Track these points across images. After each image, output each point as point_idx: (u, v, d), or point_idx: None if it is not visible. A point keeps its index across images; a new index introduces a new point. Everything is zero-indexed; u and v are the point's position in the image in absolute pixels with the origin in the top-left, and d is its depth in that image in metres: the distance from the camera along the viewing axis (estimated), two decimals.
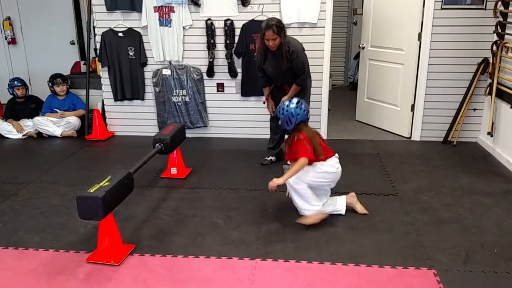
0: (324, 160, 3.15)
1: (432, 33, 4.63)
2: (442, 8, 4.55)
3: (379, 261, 2.71)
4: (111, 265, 2.72)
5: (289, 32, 4.67)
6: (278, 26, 3.65)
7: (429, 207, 3.39)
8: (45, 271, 2.68)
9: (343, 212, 3.26)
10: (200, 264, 2.73)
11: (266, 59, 3.92)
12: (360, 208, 3.30)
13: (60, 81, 5.40)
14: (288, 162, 3.37)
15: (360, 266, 2.67)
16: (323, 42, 4.74)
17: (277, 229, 3.09)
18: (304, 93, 4.05)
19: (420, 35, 4.70)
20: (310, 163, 3.08)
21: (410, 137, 5.03)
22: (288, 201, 3.37)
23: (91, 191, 2.64)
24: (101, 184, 2.72)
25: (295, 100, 3.19)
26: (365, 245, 2.88)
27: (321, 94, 4.90)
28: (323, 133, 5.06)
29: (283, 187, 3.15)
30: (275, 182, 3.04)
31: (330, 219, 3.20)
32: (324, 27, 4.70)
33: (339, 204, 3.27)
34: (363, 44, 5.48)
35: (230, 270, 2.66)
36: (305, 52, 3.95)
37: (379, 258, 2.74)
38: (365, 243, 2.91)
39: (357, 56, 7.39)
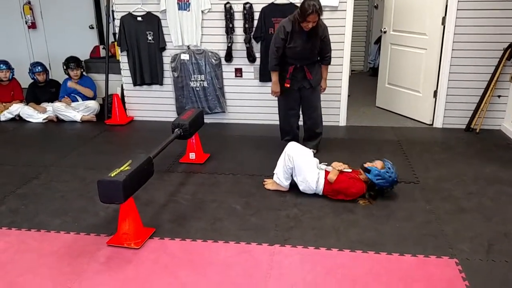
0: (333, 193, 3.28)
1: (456, 17, 4.50)
2: None
3: (400, 249, 2.68)
4: (132, 248, 2.75)
5: None
6: (321, 9, 3.58)
7: (451, 196, 3.33)
8: (66, 253, 2.72)
9: None
10: (219, 248, 2.74)
11: (292, 38, 3.75)
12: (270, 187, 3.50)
13: (75, 65, 5.41)
14: (325, 164, 3.44)
15: (380, 254, 2.64)
16: (344, 26, 4.65)
17: (296, 215, 3.07)
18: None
19: (444, 19, 4.57)
20: (327, 176, 3.27)
21: (432, 124, 4.94)
22: None
23: (112, 175, 2.66)
24: (122, 168, 2.74)
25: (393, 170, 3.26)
26: (385, 233, 2.85)
27: (341, 79, 4.83)
28: (342, 120, 5.00)
29: None
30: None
31: (349, 206, 3.18)
32: (345, 10, 4.60)
33: None
34: (384, 28, 5.36)
35: (249, 256, 2.66)
36: None
37: (400, 246, 2.71)
38: (385, 230, 2.88)
39: (377, 41, 7.25)
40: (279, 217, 3.07)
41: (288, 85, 3.94)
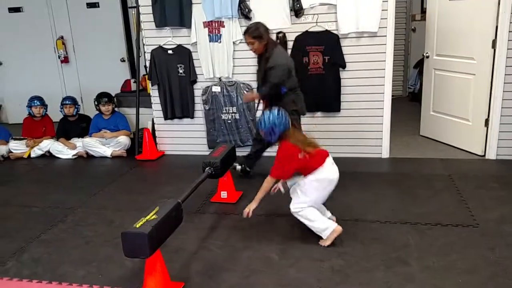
0: (319, 166, 2.95)
1: (508, 40, 4.12)
2: None
3: None
4: None
5: (345, 43, 4.37)
6: (254, 31, 3.66)
7: None
8: None
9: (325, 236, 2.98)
10: None
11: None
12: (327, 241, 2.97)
13: (106, 100, 5.32)
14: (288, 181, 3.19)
15: None
16: (384, 52, 4.35)
17: (341, 268, 2.73)
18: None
19: (494, 42, 4.20)
20: (305, 173, 2.97)
21: (484, 155, 4.50)
22: (353, 233, 3.05)
23: (137, 225, 2.42)
24: (147, 217, 2.50)
25: (275, 110, 3.03)
26: None
27: (382, 108, 4.50)
28: (385, 151, 4.64)
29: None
30: (250, 207, 3.04)
31: (402, 255, 2.82)
32: (385, 36, 4.31)
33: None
34: (427, 53, 5.03)
35: None
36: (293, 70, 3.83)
37: None
38: (446, 287, 2.50)
39: (417, 65, 6.91)
40: (321, 269, 2.73)
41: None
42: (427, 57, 5.03)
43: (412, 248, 2.90)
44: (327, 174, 2.97)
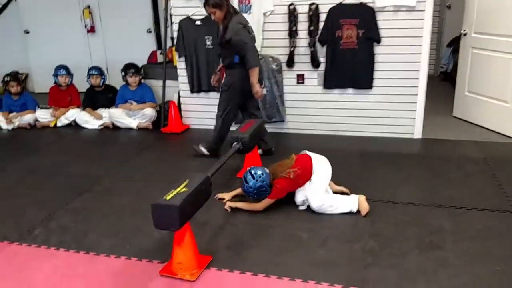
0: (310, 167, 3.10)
1: None
2: None
3: None
4: (186, 280, 2.45)
5: (381, 16, 4.21)
6: (215, 1, 3.65)
7: None
8: (115, 283, 2.47)
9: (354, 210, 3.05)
10: (285, 287, 2.38)
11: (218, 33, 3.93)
12: (365, 208, 3.02)
13: (133, 71, 5.27)
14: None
15: None
16: (422, 28, 4.16)
17: (372, 250, 2.65)
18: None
19: None
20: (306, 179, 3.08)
21: None
22: (384, 214, 2.96)
23: (167, 198, 2.38)
24: (177, 190, 2.45)
25: (248, 176, 3.13)
26: (484, 278, 2.36)
27: (417, 86, 4.33)
28: (418, 131, 4.48)
29: None
30: (229, 204, 3.22)
31: (436, 239, 2.72)
32: (423, 10, 4.11)
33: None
34: (465, 30, 4.79)
35: None
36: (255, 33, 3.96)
37: None
38: (483, 274, 2.39)
39: (451, 44, 6.65)
40: (352, 250, 2.66)
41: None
42: (465, 34, 4.80)
43: (447, 232, 2.79)
44: (320, 164, 3.13)
